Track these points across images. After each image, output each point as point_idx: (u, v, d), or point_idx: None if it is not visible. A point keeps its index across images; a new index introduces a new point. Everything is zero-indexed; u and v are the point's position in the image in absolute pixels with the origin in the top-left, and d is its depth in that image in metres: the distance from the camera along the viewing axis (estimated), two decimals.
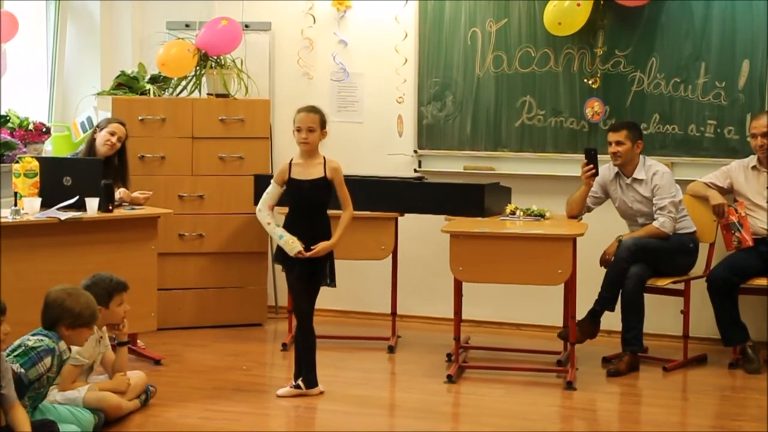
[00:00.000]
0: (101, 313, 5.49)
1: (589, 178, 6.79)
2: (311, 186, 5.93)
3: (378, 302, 7.73)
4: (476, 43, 7.72)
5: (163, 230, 6.88)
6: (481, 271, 6.32)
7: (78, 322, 5.11)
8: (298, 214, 5.98)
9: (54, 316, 5.09)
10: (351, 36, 8.05)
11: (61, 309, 5.08)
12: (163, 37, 7.83)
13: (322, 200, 5.96)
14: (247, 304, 7.77)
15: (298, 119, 5.93)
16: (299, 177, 5.94)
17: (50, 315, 5.11)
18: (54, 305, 5.10)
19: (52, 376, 5.09)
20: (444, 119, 7.83)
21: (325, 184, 5.93)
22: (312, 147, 5.93)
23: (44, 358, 4.98)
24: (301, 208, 5.99)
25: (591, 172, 6.77)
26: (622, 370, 6.57)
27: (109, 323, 5.62)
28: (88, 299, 5.20)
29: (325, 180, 5.93)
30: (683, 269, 6.85)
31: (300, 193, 5.94)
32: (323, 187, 5.93)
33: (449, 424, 5.85)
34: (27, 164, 6.21)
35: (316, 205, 5.97)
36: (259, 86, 7.97)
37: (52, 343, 5.03)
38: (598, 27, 7.41)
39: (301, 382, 6.04)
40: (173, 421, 5.53)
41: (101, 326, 5.58)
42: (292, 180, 5.95)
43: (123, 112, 7.30)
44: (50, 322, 5.10)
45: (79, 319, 5.10)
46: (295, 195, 5.97)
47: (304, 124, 5.91)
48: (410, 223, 7.43)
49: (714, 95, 7.22)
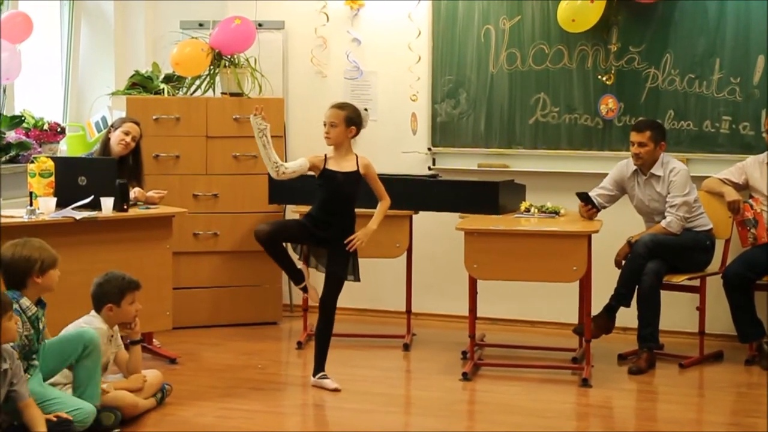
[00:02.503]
0: (113, 311, 5.52)
1: (593, 215, 6.79)
2: (345, 178, 6.08)
3: (393, 300, 7.74)
4: (490, 40, 7.71)
5: (178, 229, 6.89)
6: (496, 268, 6.31)
7: (45, 265, 5.14)
8: (331, 206, 6.12)
9: (22, 269, 5.11)
10: (364, 34, 8.05)
11: (26, 260, 5.10)
12: (177, 36, 7.84)
13: (353, 193, 6.12)
14: (262, 302, 7.78)
15: (326, 114, 6.11)
16: (335, 169, 6.09)
17: (18, 271, 5.12)
18: (18, 260, 5.10)
19: (31, 334, 5.10)
20: (458, 117, 7.82)
21: (357, 178, 6.10)
22: (334, 142, 6.09)
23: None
24: (333, 199, 6.11)
25: (592, 211, 6.76)
26: (643, 367, 6.55)
27: (121, 322, 5.63)
28: (38, 241, 5.24)
29: (358, 174, 6.09)
30: (700, 266, 6.84)
31: (335, 184, 6.08)
32: (355, 181, 6.10)
33: (464, 421, 5.85)
34: (42, 164, 6.23)
35: (348, 197, 6.11)
36: (273, 85, 7.98)
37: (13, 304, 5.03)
38: (612, 23, 7.40)
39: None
40: (189, 420, 5.54)
41: (113, 325, 5.59)
42: (327, 171, 6.09)
43: (137, 112, 7.31)
44: (19, 278, 5.12)
45: (45, 260, 5.14)
46: (329, 186, 6.10)
47: (327, 119, 6.10)
48: (425, 221, 7.43)
49: (729, 91, 7.20)
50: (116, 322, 5.61)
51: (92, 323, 5.47)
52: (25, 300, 5.13)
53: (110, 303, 5.53)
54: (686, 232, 6.77)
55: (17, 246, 5.16)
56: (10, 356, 4.76)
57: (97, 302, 5.56)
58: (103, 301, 5.54)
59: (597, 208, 6.81)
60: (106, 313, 5.54)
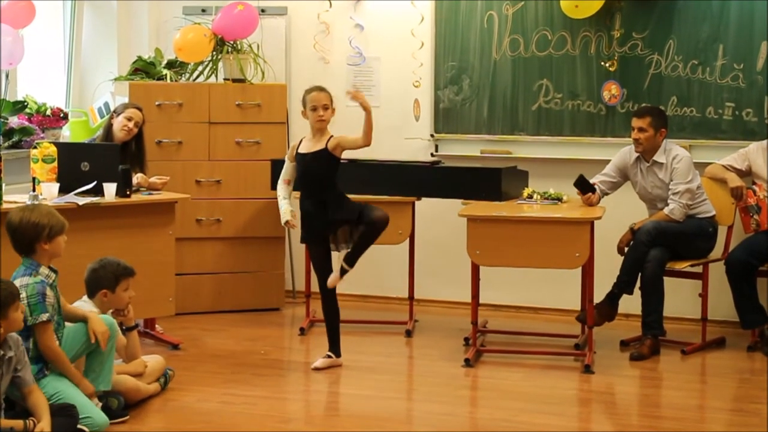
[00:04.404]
0: (107, 297, 5.53)
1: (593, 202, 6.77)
2: (312, 157, 6.14)
3: (395, 286, 7.74)
4: (493, 26, 7.70)
5: (181, 215, 6.89)
6: (499, 254, 6.31)
7: (53, 231, 5.14)
8: (303, 187, 6.25)
9: (30, 235, 5.11)
10: (367, 20, 8.04)
11: (35, 225, 5.11)
12: (180, 22, 7.84)
13: (322, 171, 6.15)
14: (265, 288, 7.79)
15: (312, 98, 6.16)
16: (303, 151, 6.19)
17: (26, 236, 5.13)
18: (26, 225, 5.11)
19: (57, 303, 5.17)
20: (461, 103, 7.81)
21: (325, 155, 6.12)
22: (328, 123, 6.18)
23: (45, 291, 5.05)
24: (303, 180, 6.23)
25: (593, 197, 6.75)
26: (646, 354, 6.55)
27: (115, 308, 5.63)
28: (46, 207, 5.30)
29: (326, 152, 6.12)
30: (702, 253, 6.84)
31: (302, 166, 6.19)
32: (324, 158, 6.12)
33: (467, 408, 5.85)
34: (45, 150, 6.22)
35: (316, 175, 6.16)
36: (276, 71, 7.97)
37: (36, 276, 5.08)
38: (615, 9, 7.38)
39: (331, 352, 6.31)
40: (192, 406, 5.55)
41: (106, 311, 5.58)
42: (298, 154, 6.22)
43: (140, 98, 7.30)
44: (27, 243, 5.13)
45: (53, 227, 5.15)
46: (298, 168, 6.23)
47: (319, 102, 6.14)
48: (427, 208, 7.43)
49: (732, 77, 7.19)
50: (109, 308, 5.59)
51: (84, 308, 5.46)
52: (44, 268, 5.14)
53: (105, 289, 5.54)
54: (689, 219, 6.77)
55: (25, 212, 5.17)
56: (15, 343, 4.77)
57: (92, 288, 5.56)
58: (98, 287, 5.54)
59: (593, 191, 6.77)
60: (100, 299, 5.54)
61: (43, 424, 4.76)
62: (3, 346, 4.70)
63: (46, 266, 5.17)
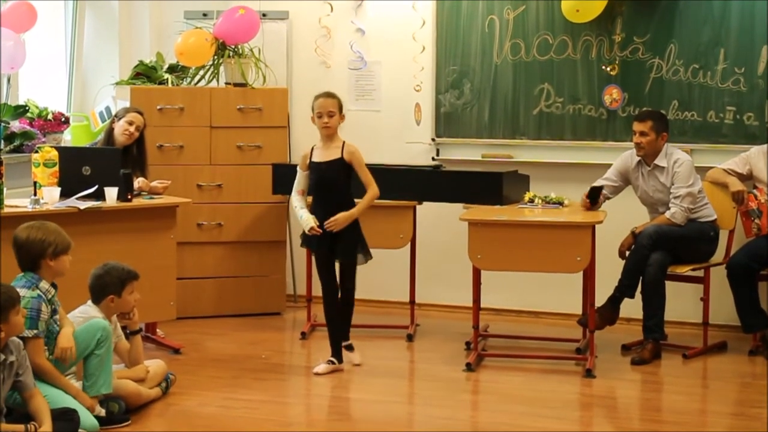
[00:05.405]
0: (113, 302, 5.52)
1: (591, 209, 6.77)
2: (327, 167, 6.13)
3: (396, 290, 7.73)
4: (494, 30, 7.70)
5: (182, 219, 6.89)
6: (500, 259, 6.31)
7: (59, 249, 5.16)
8: (318, 196, 6.22)
9: (35, 252, 5.13)
10: (368, 24, 8.04)
11: (41, 242, 5.13)
12: (181, 26, 7.84)
13: (338, 180, 6.15)
14: (266, 292, 7.79)
15: (318, 105, 6.14)
16: (318, 159, 6.17)
17: (31, 253, 5.14)
18: (32, 242, 5.13)
19: (52, 317, 5.17)
20: (462, 107, 7.82)
21: (341, 164, 6.12)
22: (333, 131, 6.16)
23: (41, 308, 5.05)
24: (318, 188, 6.20)
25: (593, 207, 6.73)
26: (647, 358, 6.55)
27: (121, 312, 5.63)
28: (53, 225, 5.28)
29: (342, 161, 6.12)
30: (704, 257, 6.84)
31: (317, 174, 6.17)
32: (339, 167, 6.12)
33: (468, 412, 5.85)
34: (46, 154, 6.23)
35: (332, 185, 6.15)
36: (277, 75, 7.98)
37: (34, 290, 5.08)
38: (616, 14, 7.39)
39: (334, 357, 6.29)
40: (193, 410, 5.55)
41: (112, 315, 5.58)
42: (312, 163, 6.18)
43: (141, 102, 7.31)
44: (32, 260, 5.15)
45: (59, 245, 5.17)
46: (313, 177, 6.20)
47: (324, 109, 6.13)
48: (428, 212, 7.43)
49: (733, 81, 7.19)
50: (116, 312, 5.59)
51: (89, 313, 5.46)
52: (44, 283, 5.15)
53: (112, 294, 5.52)
54: (690, 223, 6.76)
55: (32, 228, 5.18)
56: (16, 348, 4.78)
57: (98, 294, 5.54)
58: (104, 293, 5.52)
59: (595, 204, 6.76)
60: (106, 304, 5.53)
61: (44, 428, 4.75)
62: (4, 351, 4.71)
63: (47, 282, 5.18)
